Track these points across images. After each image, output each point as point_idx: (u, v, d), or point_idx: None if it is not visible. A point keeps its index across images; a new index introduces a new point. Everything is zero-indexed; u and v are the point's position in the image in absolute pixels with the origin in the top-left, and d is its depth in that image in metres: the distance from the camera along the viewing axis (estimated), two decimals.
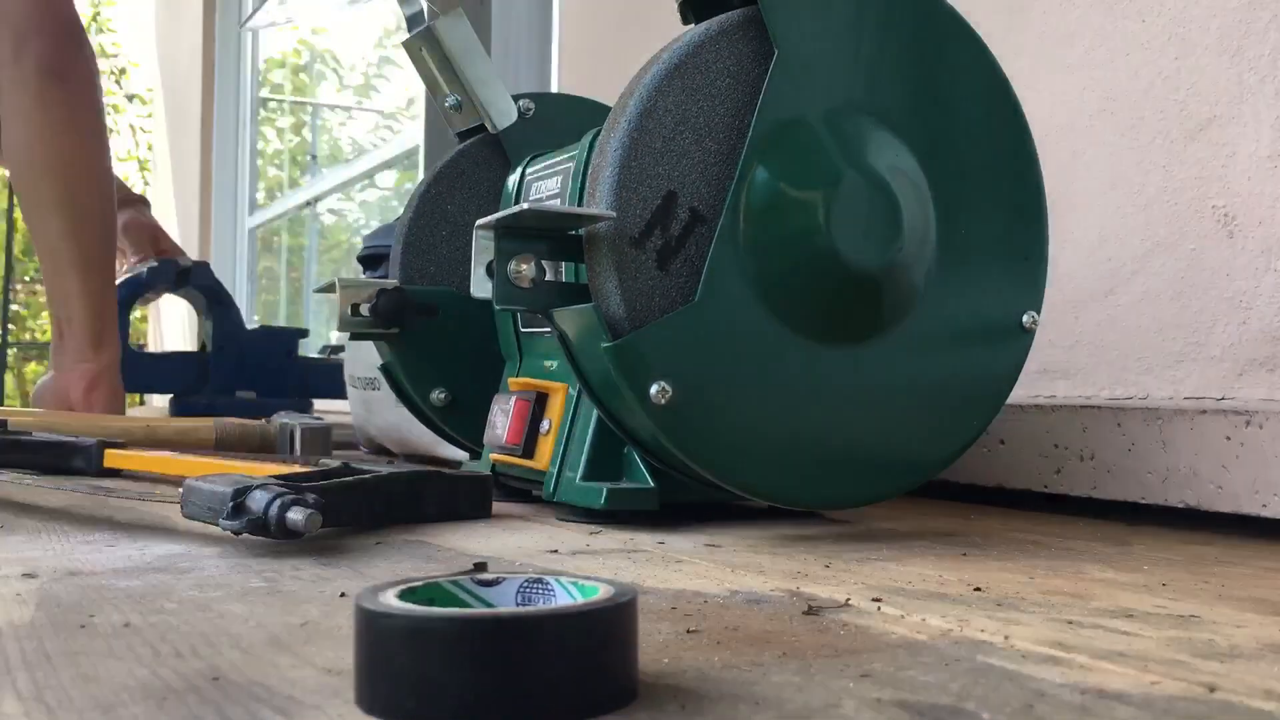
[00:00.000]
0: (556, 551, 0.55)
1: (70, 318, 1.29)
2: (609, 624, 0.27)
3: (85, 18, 6.68)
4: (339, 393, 1.40)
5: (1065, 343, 0.88)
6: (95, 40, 6.66)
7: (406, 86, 2.82)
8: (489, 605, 0.31)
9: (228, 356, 1.70)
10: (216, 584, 0.43)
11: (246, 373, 1.70)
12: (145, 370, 1.75)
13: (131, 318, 1.81)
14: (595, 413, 0.65)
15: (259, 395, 1.67)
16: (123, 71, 6.56)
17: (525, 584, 0.31)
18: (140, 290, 1.75)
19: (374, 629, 0.27)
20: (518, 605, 0.31)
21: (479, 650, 0.26)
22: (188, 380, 1.71)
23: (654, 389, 0.57)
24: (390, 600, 0.28)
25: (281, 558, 0.50)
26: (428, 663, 0.26)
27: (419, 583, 0.30)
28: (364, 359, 1.13)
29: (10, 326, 4.43)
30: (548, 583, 0.31)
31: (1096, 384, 0.86)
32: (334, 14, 3.86)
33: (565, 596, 0.31)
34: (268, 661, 0.31)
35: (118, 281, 1.73)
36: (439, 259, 0.83)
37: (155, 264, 1.76)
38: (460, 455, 0.91)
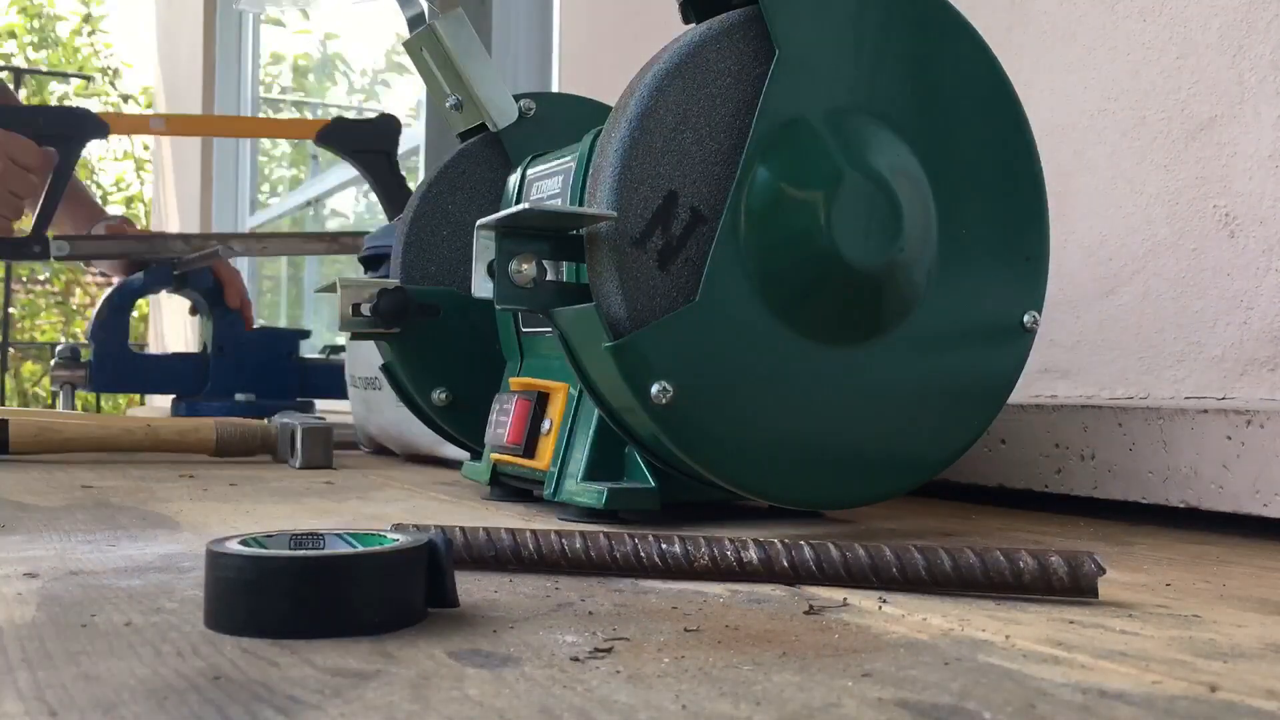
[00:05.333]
0: None
1: None
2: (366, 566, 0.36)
3: (75, 19, 6.64)
4: (340, 393, 1.40)
5: (1066, 342, 0.88)
6: (87, 42, 6.63)
7: (415, 91, 2.83)
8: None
9: (229, 357, 1.70)
10: None
11: (248, 374, 1.70)
12: (147, 371, 1.76)
13: (131, 318, 1.80)
14: (596, 412, 0.65)
15: (260, 396, 1.67)
16: (116, 72, 6.55)
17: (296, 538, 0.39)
18: (139, 293, 1.75)
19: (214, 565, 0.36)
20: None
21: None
22: (189, 381, 1.71)
23: (655, 389, 0.57)
24: (231, 546, 0.36)
25: None
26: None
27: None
28: (365, 359, 1.13)
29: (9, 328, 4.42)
30: (320, 536, 0.39)
31: (1097, 383, 0.86)
32: (336, 8, 3.86)
33: (340, 545, 0.39)
34: (268, 661, 0.31)
35: (116, 285, 1.73)
36: (440, 259, 0.83)
37: (156, 266, 1.76)
38: (461, 455, 0.91)
